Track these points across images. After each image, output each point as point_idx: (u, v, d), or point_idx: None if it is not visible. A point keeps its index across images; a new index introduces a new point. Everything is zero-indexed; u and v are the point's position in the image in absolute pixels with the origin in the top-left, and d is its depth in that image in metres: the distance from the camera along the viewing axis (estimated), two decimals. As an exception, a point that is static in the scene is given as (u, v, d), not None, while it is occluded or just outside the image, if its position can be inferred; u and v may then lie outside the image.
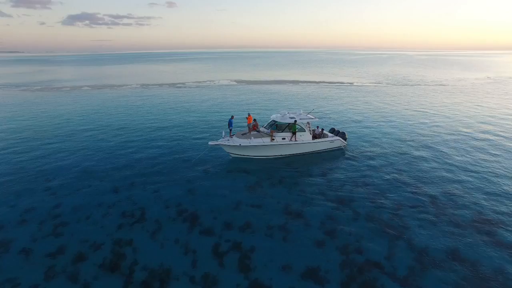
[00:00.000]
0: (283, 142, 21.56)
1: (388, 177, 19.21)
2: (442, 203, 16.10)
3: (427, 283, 10.93)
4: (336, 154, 23.16)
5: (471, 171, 19.67)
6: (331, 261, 12.14)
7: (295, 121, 22.31)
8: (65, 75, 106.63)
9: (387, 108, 41.19)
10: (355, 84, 69.43)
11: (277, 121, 22.03)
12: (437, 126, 31.53)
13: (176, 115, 37.67)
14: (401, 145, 25.07)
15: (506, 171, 19.76)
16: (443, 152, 23.33)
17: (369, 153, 23.26)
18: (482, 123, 32.67)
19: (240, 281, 11.13)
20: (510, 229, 13.83)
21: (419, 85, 67.63)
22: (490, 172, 19.63)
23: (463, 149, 24.15)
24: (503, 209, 15.37)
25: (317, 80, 76.79)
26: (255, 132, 21.96)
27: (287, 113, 22.85)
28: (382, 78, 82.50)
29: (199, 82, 74.68)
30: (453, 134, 28.25)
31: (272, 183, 18.77)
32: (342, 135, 23.91)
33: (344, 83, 70.22)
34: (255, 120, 22.73)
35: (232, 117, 21.05)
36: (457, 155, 22.64)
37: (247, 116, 23.39)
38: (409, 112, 38.67)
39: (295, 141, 21.83)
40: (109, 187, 18.16)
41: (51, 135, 29.77)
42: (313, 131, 23.33)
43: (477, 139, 26.56)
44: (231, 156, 21.90)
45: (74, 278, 11.09)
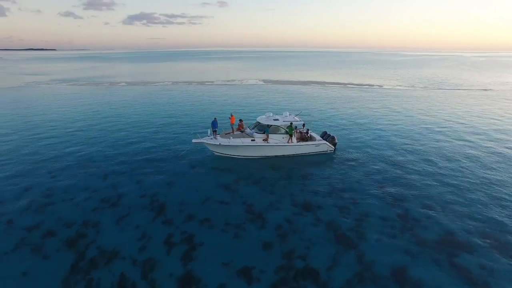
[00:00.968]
0: (264, 143, 21.80)
1: (367, 186, 18.56)
2: (413, 218, 15.26)
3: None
4: (322, 158, 22.78)
5: (462, 190, 18.11)
6: (270, 263, 12.33)
7: (291, 123, 22.50)
8: (111, 71, 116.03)
9: (400, 113, 38.90)
10: (384, 87, 66.18)
11: (260, 123, 22.35)
12: (443, 134, 29.15)
13: (189, 112, 39.49)
14: (394, 154, 23.64)
15: (499, 196, 17.86)
16: (439, 165, 21.58)
17: (356, 160, 22.46)
18: (497, 133, 29.26)
19: (176, 270, 11.87)
20: (475, 253, 12.78)
21: (456, 89, 62.55)
22: (483, 194, 17.84)
23: (463, 163, 22.15)
24: (477, 233, 14.13)
25: (345, 81, 74.44)
26: (239, 132, 22.48)
27: (271, 114, 23.07)
28: (417, 81, 77.41)
29: (228, 80, 76.66)
30: (459, 145, 25.88)
31: (248, 183, 19.20)
32: (331, 139, 23.40)
33: (373, 86, 67.30)
34: (241, 120, 23.22)
35: (215, 118, 21.84)
36: (453, 171, 20.71)
37: (230, 116, 24.00)
38: (422, 118, 36.27)
39: (291, 143, 22.10)
40: (101, 174, 20.02)
41: (69, 126, 33.21)
42: (300, 132, 23.29)
43: (487, 154, 24.20)
44: (214, 154, 22.71)
45: (37, 250, 12.74)
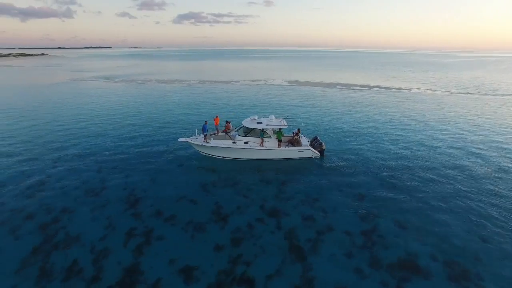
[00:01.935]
0: (244, 146, 21.95)
1: (343, 197, 17.90)
2: (379, 235, 14.52)
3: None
4: (309, 164, 22.32)
5: (446, 211, 16.61)
6: (214, 266, 12.60)
7: (280, 128, 22.50)
8: (149, 69, 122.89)
9: (413, 119, 36.37)
10: (412, 90, 62.16)
11: (244, 126, 22.54)
12: (449, 145, 26.85)
13: (199, 111, 40.71)
14: (386, 166, 22.35)
15: (485, 225, 16.19)
16: (431, 181, 19.96)
17: (343, 169, 21.62)
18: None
19: (125, 260, 12.65)
20: (429, 282, 11.89)
21: (494, 94, 56.90)
22: (469, 219, 16.27)
23: (458, 181, 20.08)
24: (442, 260, 13.04)
25: (373, 84, 71.15)
26: (223, 134, 22.86)
27: (256, 117, 23.16)
28: (452, 85, 71.61)
29: (253, 80, 77.29)
30: (456, 159, 23.61)
31: (225, 184, 19.55)
32: (318, 145, 22.86)
33: (401, 89, 63.55)
34: (227, 122, 23.56)
35: (205, 122, 22.46)
36: (444, 189, 18.95)
37: (215, 117, 24.41)
38: (434, 125, 33.73)
39: (279, 147, 22.15)
40: (96, 168, 21.66)
41: (88, 119, 36.15)
42: (294, 135, 23.28)
43: (493, 171, 21.79)
44: (200, 154, 23.36)
45: (12, 231, 14.35)
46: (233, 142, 21.87)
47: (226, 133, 22.82)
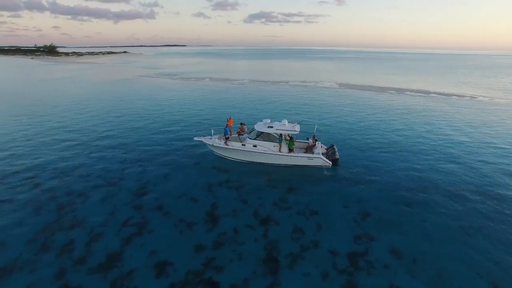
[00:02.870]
0: (252, 149, 21.81)
1: (345, 213, 16.66)
2: (367, 261, 13.22)
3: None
4: (319, 173, 21.25)
5: (459, 248, 14.37)
6: (188, 265, 13.01)
7: (291, 136, 22.09)
8: (209, 66, 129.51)
9: (458, 130, 31.24)
10: (477, 98, 54.05)
11: (255, 129, 22.36)
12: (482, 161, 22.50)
13: (238, 109, 41.60)
14: (407, 184, 19.89)
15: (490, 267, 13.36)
16: (454, 209, 17.29)
17: (357, 182, 20.10)
18: None
19: (112, 246, 13.85)
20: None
21: None
22: (482, 256, 13.78)
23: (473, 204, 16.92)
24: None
25: (431, 90, 63.66)
26: (236, 135, 23.04)
27: (268, 121, 22.85)
28: None
29: (303, 81, 75.83)
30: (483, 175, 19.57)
31: (230, 186, 19.83)
32: (331, 154, 21.54)
33: (464, 96, 55.80)
34: (242, 124, 23.66)
35: (227, 125, 22.98)
36: (463, 221, 16.28)
37: (228, 119, 24.58)
38: (481, 138, 28.50)
39: (280, 152, 21.75)
40: (122, 159, 23.92)
41: (132, 113, 39.79)
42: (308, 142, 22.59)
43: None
44: (214, 154, 23.94)
45: (37, 208, 16.80)
46: (242, 144, 22.02)
47: (238, 135, 23.10)
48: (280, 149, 21.81)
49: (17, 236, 14.46)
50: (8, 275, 12.11)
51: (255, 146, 21.78)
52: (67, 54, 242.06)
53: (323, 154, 22.10)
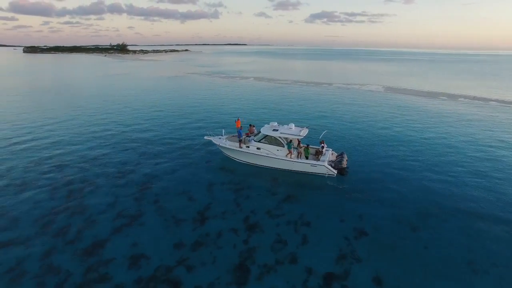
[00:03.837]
0: (254, 151, 21.41)
1: (339, 229, 15.41)
2: (341, 284, 12.05)
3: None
4: (324, 182, 20.07)
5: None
6: (162, 260, 13.31)
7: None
8: (260, 66, 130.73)
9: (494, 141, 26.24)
10: None
11: (261, 132, 21.83)
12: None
13: (264, 110, 41.27)
14: (422, 203, 17.60)
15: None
16: (460, 245, 14.60)
17: (363, 195, 18.56)
18: None
19: (100, 234, 14.83)
20: None
21: None
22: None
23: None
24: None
25: (491, 97, 55.63)
26: (244, 136, 22.85)
27: (276, 124, 22.16)
28: None
29: (348, 84, 72.05)
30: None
31: (231, 188, 19.74)
32: (337, 163, 20.04)
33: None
34: (251, 125, 23.47)
35: (241, 128, 23.09)
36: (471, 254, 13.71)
37: (236, 120, 24.33)
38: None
39: (290, 157, 20.99)
40: (141, 152, 25.47)
41: (167, 109, 41.93)
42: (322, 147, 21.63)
43: None
44: (223, 154, 24.02)
45: (53, 192, 18.74)
46: (246, 146, 21.76)
47: (246, 136, 22.94)
48: (290, 155, 21.07)
49: (29, 215, 16.32)
50: (6, 247, 13.75)
51: (258, 148, 21.39)
52: (134, 52, 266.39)
53: (331, 161, 20.80)
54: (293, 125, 21.52)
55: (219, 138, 23.49)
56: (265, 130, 21.52)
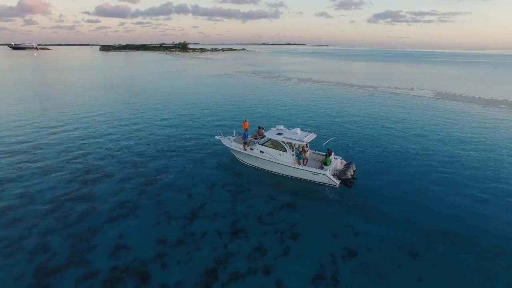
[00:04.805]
0: (257, 154, 20.84)
1: (328, 245, 14.23)
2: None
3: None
4: (327, 192, 18.81)
5: None
6: (142, 253, 13.73)
7: (327, 154, 19.99)
8: (310, 66, 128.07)
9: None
10: None
11: (266, 135, 21.09)
12: None
13: (293, 111, 40.09)
14: (436, 223, 15.18)
15: None
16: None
17: (368, 210, 16.84)
18: None
19: (96, 221, 15.81)
20: None
21: None
22: None
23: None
24: None
25: None
26: (252, 138, 22.46)
27: (281, 127, 21.32)
28: None
29: (396, 88, 66.25)
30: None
31: (230, 190, 19.58)
32: (341, 172, 18.44)
33: None
34: (259, 127, 23.14)
35: (246, 130, 22.82)
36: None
37: (244, 121, 24.00)
38: None
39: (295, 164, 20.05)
40: (159, 148, 26.58)
41: (193, 108, 43.24)
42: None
43: None
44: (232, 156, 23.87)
45: (71, 180, 20.62)
46: (250, 149, 21.35)
47: (254, 138, 22.60)
48: (297, 163, 20.20)
49: (44, 198, 18.14)
50: (16, 225, 15.49)
51: (262, 152, 20.84)
52: (193, 50, 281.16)
53: (337, 170, 19.34)
54: (299, 129, 20.53)
55: (229, 139, 23.52)
56: (270, 133, 20.92)
